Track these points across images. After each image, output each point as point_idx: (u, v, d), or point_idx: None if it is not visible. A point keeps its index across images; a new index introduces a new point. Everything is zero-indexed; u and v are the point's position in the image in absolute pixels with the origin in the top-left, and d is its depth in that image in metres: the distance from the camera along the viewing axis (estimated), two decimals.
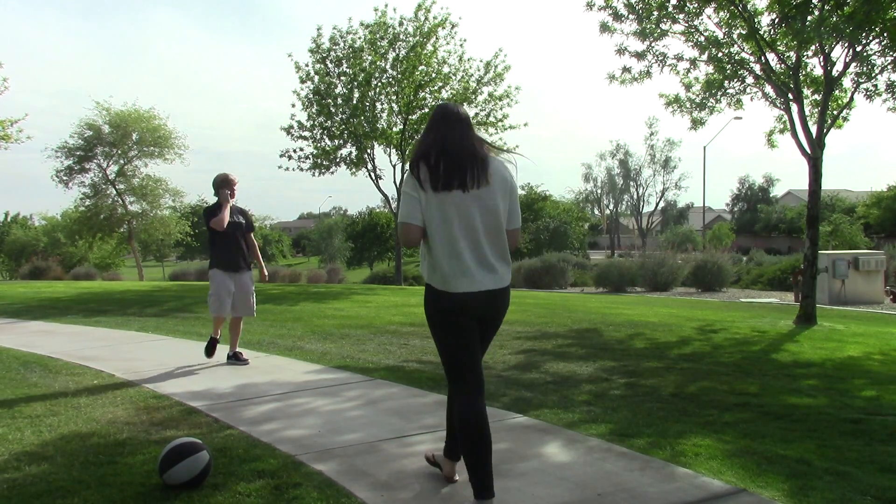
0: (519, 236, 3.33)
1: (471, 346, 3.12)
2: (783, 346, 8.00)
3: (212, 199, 6.78)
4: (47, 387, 5.68)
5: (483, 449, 3.00)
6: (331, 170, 21.04)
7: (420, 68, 19.95)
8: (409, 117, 20.37)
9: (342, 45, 20.27)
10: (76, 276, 27.61)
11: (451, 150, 3.06)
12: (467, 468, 3.06)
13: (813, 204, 10.62)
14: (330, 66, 20.40)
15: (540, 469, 3.72)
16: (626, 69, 11.54)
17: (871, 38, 10.04)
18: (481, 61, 20.52)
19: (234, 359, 6.71)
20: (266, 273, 7.59)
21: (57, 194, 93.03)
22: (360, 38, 20.11)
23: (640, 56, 11.28)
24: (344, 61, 20.26)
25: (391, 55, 20.13)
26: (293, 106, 20.90)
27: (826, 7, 9.87)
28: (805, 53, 10.76)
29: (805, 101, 11.06)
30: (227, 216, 6.49)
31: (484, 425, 3.04)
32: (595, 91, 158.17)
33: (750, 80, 11.54)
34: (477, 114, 20.77)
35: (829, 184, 48.99)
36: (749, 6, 10.71)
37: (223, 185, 6.62)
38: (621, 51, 11.32)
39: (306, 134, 20.79)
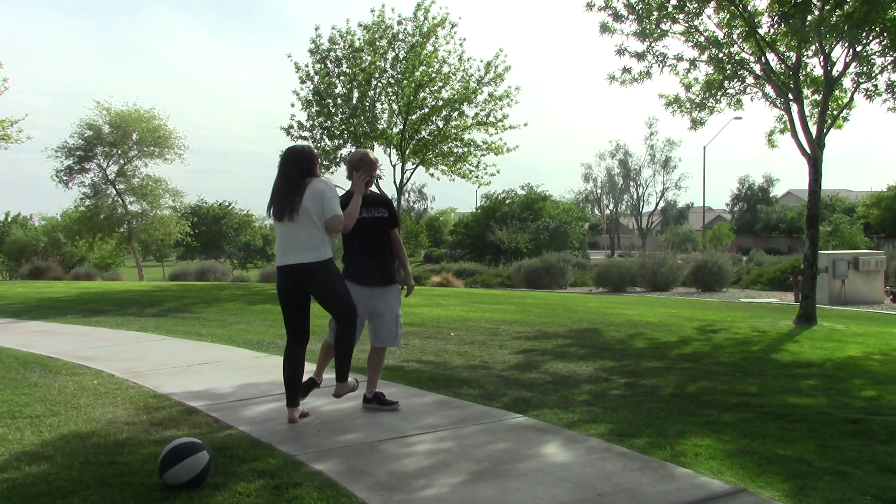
0: (337, 222, 4.59)
1: (288, 309, 4.74)
2: (783, 346, 8.00)
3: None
4: (47, 387, 5.68)
5: (292, 376, 4.73)
6: (331, 170, 21.03)
7: (420, 68, 19.94)
8: (409, 117, 20.37)
9: (342, 44, 20.27)
10: (76, 276, 27.60)
11: (276, 198, 4.68)
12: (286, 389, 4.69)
13: (813, 204, 10.62)
14: (330, 66, 20.40)
15: (540, 469, 3.72)
16: (626, 69, 11.54)
17: (871, 38, 10.04)
18: (481, 61, 20.50)
19: (376, 401, 5.01)
20: (412, 283, 5.28)
21: (57, 194, 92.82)
22: (358, 38, 20.12)
23: (640, 56, 11.28)
24: (343, 61, 20.26)
25: (391, 55, 20.14)
26: (293, 106, 20.89)
27: (826, 7, 9.87)
28: (805, 53, 10.77)
29: (805, 101, 11.05)
30: (356, 210, 4.78)
31: (295, 364, 4.74)
32: (595, 91, 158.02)
33: (750, 80, 11.54)
34: (477, 114, 20.77)
35: (829, 184, 48.98)
36: (749, 6, 10.71)
37: (358, 166, 4.95)
38: (621, 51, 11.32)
39: (306, 134, 20.77)
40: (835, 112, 11.22)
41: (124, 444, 4.14)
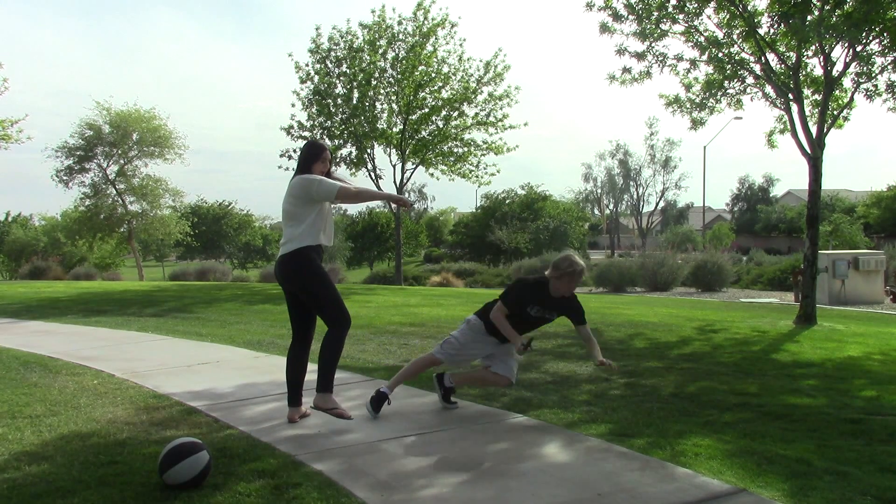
0: (336, 195, 4.68)
1: (290, 308, 4.77)
2: (783, 346, 8.00)
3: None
4: (47, 387, 5.68)
5: (293, 376, 4.76)
6: (331, 170, 21.06)
7: (420, 68, 19.96)
8: (409, 117, 20.38)
9: (342, 44, 20.29)
10: (76, 276, 27.60)
11: None
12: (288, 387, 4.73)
13: (813, 204, 10.62)
14: (330, 66, 20.42)
15: (540, 469, 3.72)
16: (626, 69, 11.54)
17: (871, 38, 10.04)
18: (481, 61, 20.55)
19: (445, 393, 5.07)
20: (600, 358, 4.83)
21: (57, 194, 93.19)
22: (359, 38, 20.13)
23: (640, 56, 11.28)
24: (344, 61, 20.28)
25: (390, 55, 20.15)
26: (293, 106, 20.94)
27: (826, 7, 9.87)
28: (805, 53, 10.76)
29: (805, 101, 11.04)
30: (513, 334, 4.75)
31: (296, 363, 4.77)
32: (595, 91, 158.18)
33: (750, 80, 11.53)
34: (477, 114, 20.79)
35: (829, 184, 48.88)
36: (749, 6, 10.71)
37: (557, 274, 5.05)
38: (621, 51, 11.31)
39: (306, 134, 20.81)
40: (835, 112, 11.22)
41: (124, 444, 4.14)
